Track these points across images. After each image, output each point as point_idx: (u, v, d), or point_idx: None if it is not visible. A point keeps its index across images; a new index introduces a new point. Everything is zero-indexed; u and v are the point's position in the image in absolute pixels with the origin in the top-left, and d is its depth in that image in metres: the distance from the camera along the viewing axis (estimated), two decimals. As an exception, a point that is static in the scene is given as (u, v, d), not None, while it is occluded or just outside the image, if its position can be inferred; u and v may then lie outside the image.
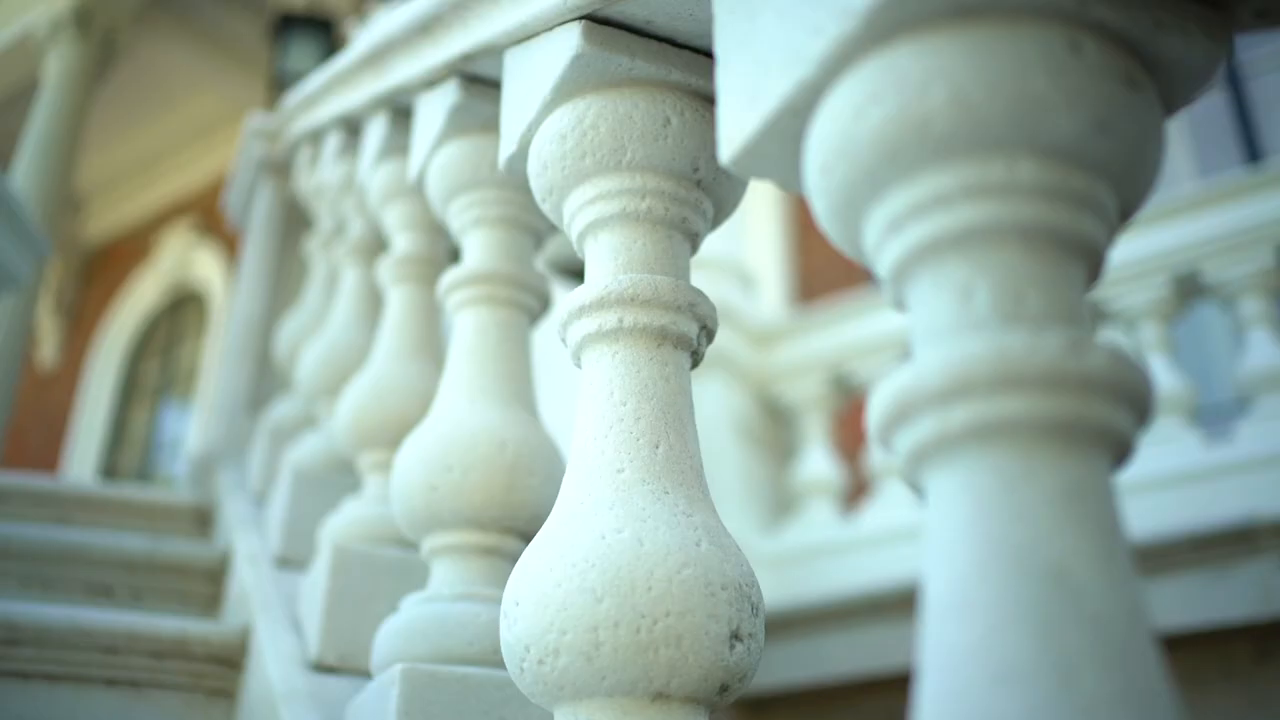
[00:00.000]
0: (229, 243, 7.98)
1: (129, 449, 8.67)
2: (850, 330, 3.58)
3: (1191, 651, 2.51)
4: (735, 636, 0.76)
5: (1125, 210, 0.57)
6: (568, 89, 0.90)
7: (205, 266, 8.63)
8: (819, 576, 3.27)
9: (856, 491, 4.06)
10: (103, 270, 9.50)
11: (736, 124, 0.63)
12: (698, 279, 3.34)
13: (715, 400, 3.35)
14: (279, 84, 6.21)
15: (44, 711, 1.41)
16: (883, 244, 0.55)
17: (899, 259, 0.54)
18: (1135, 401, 0.50)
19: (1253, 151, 4.73)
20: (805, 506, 3.43)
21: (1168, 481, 2.73)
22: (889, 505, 3.23)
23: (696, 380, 3.28)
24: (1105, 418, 0.49)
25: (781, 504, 3.61)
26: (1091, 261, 0.54)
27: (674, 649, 0.74)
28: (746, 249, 4.18)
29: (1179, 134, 4.85)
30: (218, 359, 2.77)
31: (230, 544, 1.88)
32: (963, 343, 0.49)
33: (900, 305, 0.56)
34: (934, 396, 0.49)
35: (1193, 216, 3.12)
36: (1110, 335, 3.36)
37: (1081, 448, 0.48)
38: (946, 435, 0.49)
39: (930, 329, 0.52)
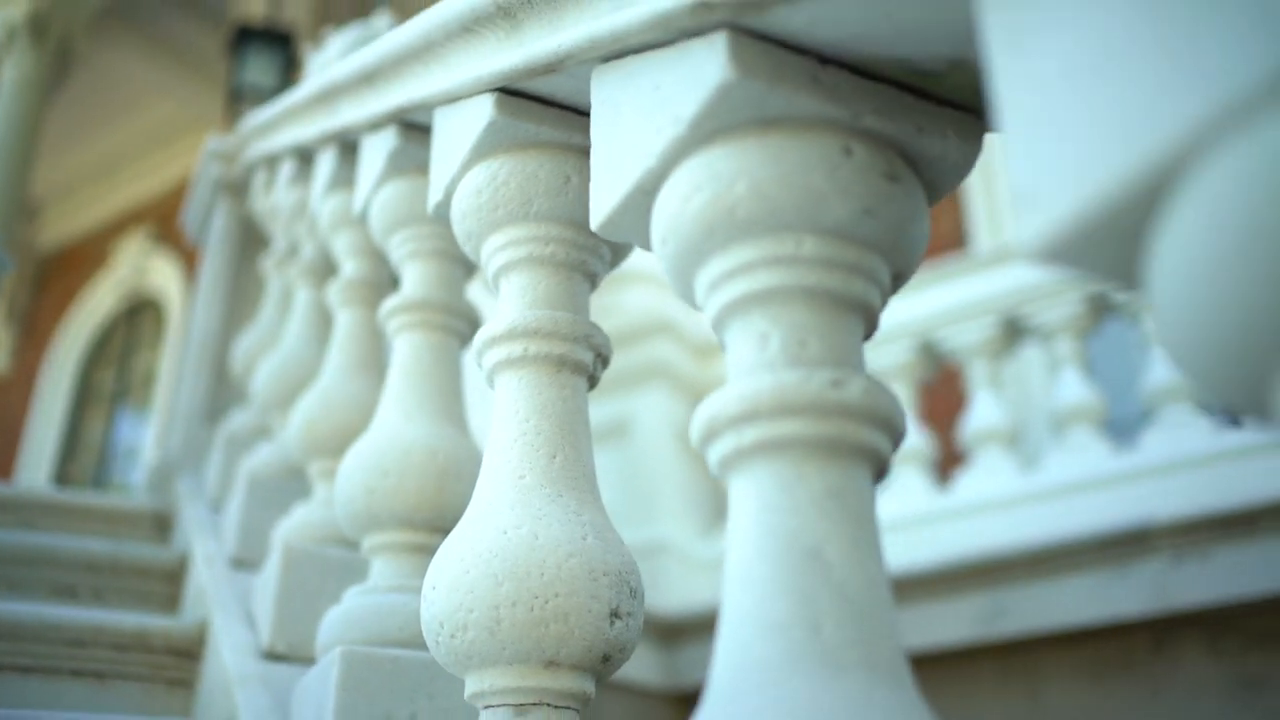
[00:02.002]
0: (185, 251, 8.05)
1: (83, 456, 8.70)
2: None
3: (1095, 644, 2.70)
4: (615, 615, 0.91)
5: (899, 274, 0.73)
6: (483, 150, 1.05)
7: (161, 274, 8.68)
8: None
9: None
10: (57, 277, 9.52)
11: (602, 198, 0.79)
12: (642, 293, 3.51)
13: (657, 410, 3.51)
14: (237, 96, 6.32)
15: (16, 701, 1.54)
16: (707, 299, 0.71)
17: (717, 312, 0.70)
18: (887, 424, 0.66)
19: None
20: (743, 511, 3.57)
21: (1077, 487, 2.92)
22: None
23: (641, 390, 3.43)
24: (861, 437, 0.65)
25: (720, 509, 3.77)
26: (866, 315, 0.70)
27: (562, 624, 0.89)
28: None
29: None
30: (177, 371, 2.90)
31: (188, 547, 2.01)
32: (756, 379, 0.65)
33: (722, 347, 0.72)
34: (732, 420, 0.65)
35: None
36: (1028, 349, 3.55)
37: (841, 460, 0.64)
38: (741, 450, 0.65)
39: (738, 366, 0.68)
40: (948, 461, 3.69)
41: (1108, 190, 0.41)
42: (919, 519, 3.05)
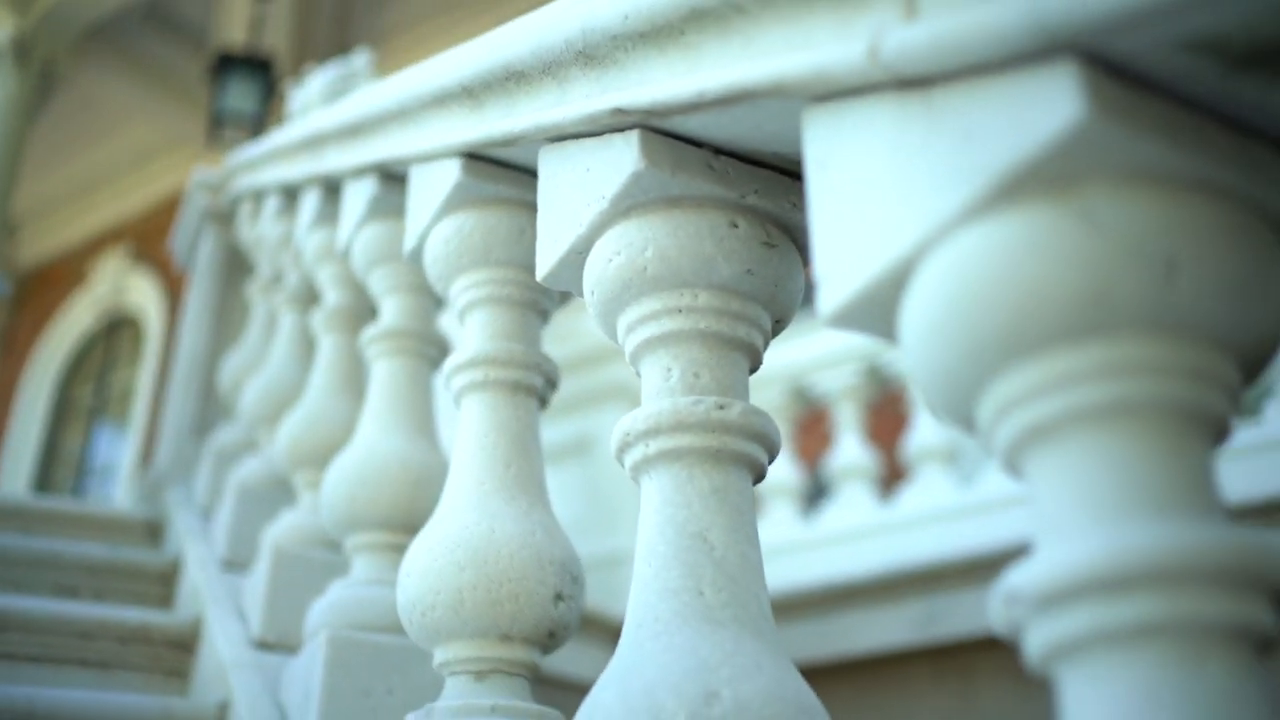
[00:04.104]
0: (165, 269, 8.18)
1: (61, 470, 8.80)
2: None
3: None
4: (559, 597, 1.10)
5: (779, 320, 0.92)
6: (451, 205, 1.24)
7: (140, 292, 8.80)
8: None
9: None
10: (36, 294, 9.62)
11: (546, 254, 0.98)
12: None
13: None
14: (218, 120, 6.48)
15: (24, 690, 1.70)
16: (625, 339, 0.90)
17: (633, 349, 0.89)
18: (763, 439, 0.85)
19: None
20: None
21: (1009, 501, 3.12)
22: (775, 524, 3.59)
23: (601, 410, 3.62)
24: (740, 448, 0.83)
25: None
26: (750, 353, 0.89)
27: (514, 604, 1.07)
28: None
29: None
30: (165, 389, 3.06)
31: (181, 551, 2.18)
32: (659, 402, 0.84)
33: (638, 376, 0.91)
34: (640, 435, 0.84)
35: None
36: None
37: (724, 466, 0.83)
38: (647, 457, 0.84)
39: (647, 392, 0.87)
40: (892, 477, 3.89)
41: (871, 278, 0.60)
42: (865, 531, 3.24)
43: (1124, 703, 0.47)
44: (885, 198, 0.60)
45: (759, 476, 0.87)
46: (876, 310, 0.62)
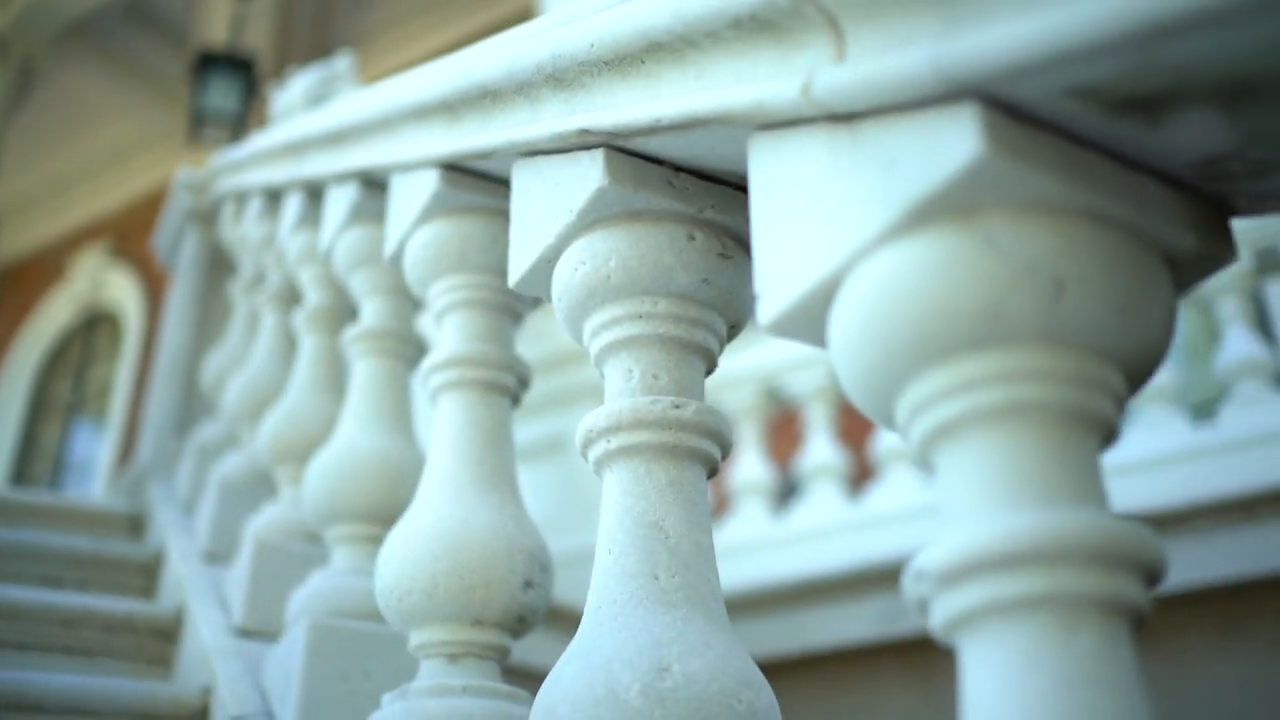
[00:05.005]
0: (144, 266, 8.20)
1: (38, 466, 8.80)
2: (724, 361, 4.01)
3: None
4: (528, 584, 1.16)
5: (734, 326, 0.99)
6: (429, 213, 1.30)
7: (119, 289, 8.81)
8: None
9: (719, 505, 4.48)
10: (14, 290, 9.62)
11: (517, 263, 1.04)
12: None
13: (595, 426, 3.75)
14: (199, 118, 6.51)
15: (14, 674, 1.76)
16: (590, 343, 0.97)
17: (598, 352, 0.96)
18: (716, 436, 0.92)
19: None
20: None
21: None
22: (746, 521, 3.66)
23: (575, 409, 3.68)
24: (694, 444, 0.90)
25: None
26: (706, 356, 0.96)
27: (485, 590, 1.14)
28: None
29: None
30: (147, 386, 3.11)
31: (163, 544, 2.24)
32: (619, 402, 0.91)
33: (602, 377, 0.97)
34: (602, 432, 0.90)
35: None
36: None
37: (679, 460, 0.90)
38: (608, 452, 0.90)
39: (609, 393, 0.94)
40: (861, 476, 3.98)
41: (804, 291, 0.67)
42: (834, 528, 3.32)
43: (1009, 667, 0.54)
44: (817, 220, 0.67)
45: (712, 470, 0.94)
46: (810, 320, 0.69)
